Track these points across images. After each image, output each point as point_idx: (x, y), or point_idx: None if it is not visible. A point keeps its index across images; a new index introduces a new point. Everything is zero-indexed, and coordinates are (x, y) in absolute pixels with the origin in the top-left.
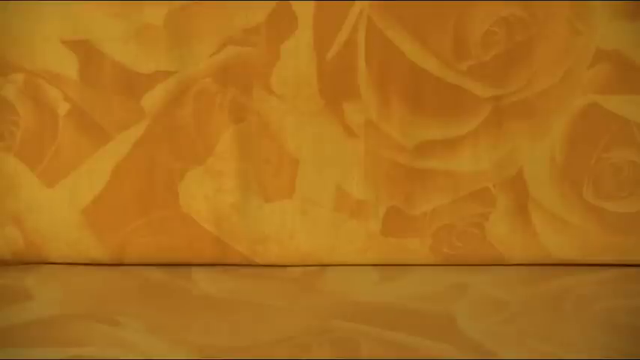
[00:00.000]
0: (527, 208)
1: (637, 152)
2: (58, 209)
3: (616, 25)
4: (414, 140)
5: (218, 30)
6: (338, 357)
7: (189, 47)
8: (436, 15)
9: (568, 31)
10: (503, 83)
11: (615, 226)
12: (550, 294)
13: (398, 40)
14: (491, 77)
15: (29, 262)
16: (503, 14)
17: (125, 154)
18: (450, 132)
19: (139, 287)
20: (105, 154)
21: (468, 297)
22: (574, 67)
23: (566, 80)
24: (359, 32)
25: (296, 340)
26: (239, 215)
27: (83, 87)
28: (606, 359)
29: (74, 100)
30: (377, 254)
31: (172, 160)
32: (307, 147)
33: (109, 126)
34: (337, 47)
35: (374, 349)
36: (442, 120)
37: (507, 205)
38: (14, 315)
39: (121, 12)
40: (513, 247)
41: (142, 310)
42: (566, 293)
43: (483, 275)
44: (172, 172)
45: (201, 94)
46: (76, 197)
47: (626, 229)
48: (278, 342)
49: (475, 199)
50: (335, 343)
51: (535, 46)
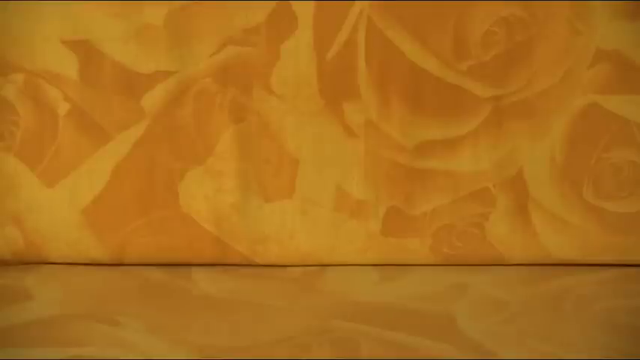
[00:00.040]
0: (527, 208)
1: (637, 152)
2: (58, 209)
3: (616, 25)
4: (414, 140)
5: (218, 30)
6: (338, 357)
7: (189, 47)
8: (436, 15)
9: (568, 31)
10: (503, 83)
11: (615, 226)
12: (550, 294)
13: (398, 40)
14: (491, 77)
15: (29, 262)
16: (503, 14)
17: (125, 154)
18: (450, 132)
19: (139, 287)
20: (105, 154)
21: (468, 297)
22: (574, 67)
23: (566, 80)
24: (359, 32)
25: (296, 340)
26: (239, 215)
27: (83, 87)
28: (606, 359)
29: (74, 100)
30: (377, 254)
31: (172, 160)
32: (307, 147)
33: (109, 126)
34: (337, 47)
35: (374, 349)
36: (442, 120)
37: (507, 205)
38: (14, 315)
39: (121, 12)
40: (513, 247)
41: (142, 310)
42: (566, 293)
43: (483, 275)
44: (172, 172)
45: (201, 94)
46: (76, 197)
47: (626, 229)
48: (278, 342)
49: (475, 199)
50: (335, 343)
51: (535, 46)
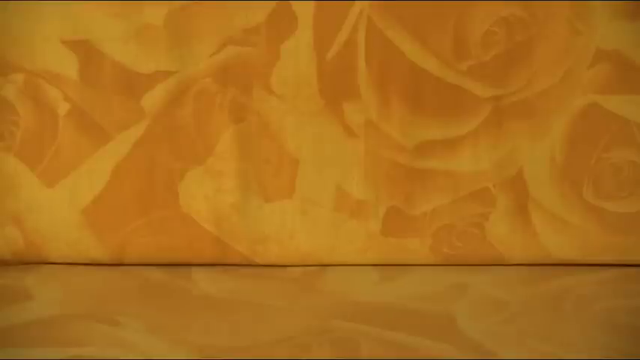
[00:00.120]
0: (527, 208)
1: (637, 152)
2: (58, 209)
3: (616, 25)
4: (414, 140)
5: (218, 30)
6: (338, 357)
7: (189, 47)
8: (436, 15)
9: (568, 31)
10: (503, 83)
11: (615, 226)
12: (550, 294)
13: (398, 40)
14: (491, 77)
15: (29, 262)
16: (503, 14)
17: (125, 154)
18: (450, 132)
19: (139, 287)
20: (105, 154)
21: (468, 297)
22: (574, 67)
23: (566, 80)
24: (359, 32)
25: (296, 340)
26: (239, 215)
27: (83, 87)
28: (606, 359)
29: (74, 100)
30: (377, 254)
31: (172, 160)
32: (307, 147)
33: (109, 126)
34: (337, 47)
35: (374, 349)
36: (442, 120)
37: (507, 205)
38: (14, 315)
39: (121, 12)
40: (513, 247)
41: (142, 310)
42: (566, 293)
43: (483, 275)
44: (172, 172)
45: (201, 94)
46: (76, 197)
47: (626, 229)
48: (278, 342)
49: (475, 199)
50: (335, 343)
51: (535, 46)
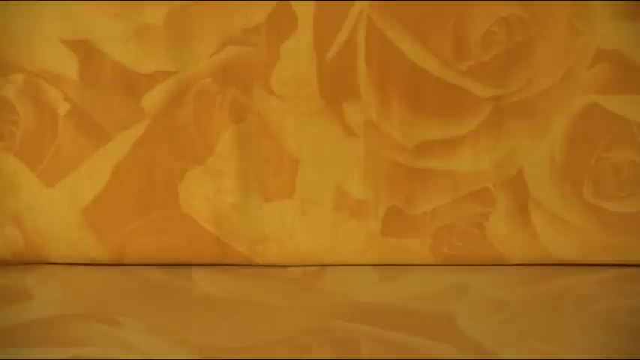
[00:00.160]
0: (527, 208)
1: (637, 152)
2: (58, 209)
3: (616, 25)
4: (414, 140)
5: (218, 30)
6: (338, 357)
7: (189, 47)
8: (436, 15)
9: (568, 31)
10: (503, 83)
11: (615, 226)
12: (550, 294)
13: (398, 40)
14: (491, 77)
15: (29, 262)
16: (503, 14)
17: (125, 154)
18: (450, 132)
19: (139, 287)
20: (105, 154)
21: (468, 297)
22: (574, 67)
23: (566, 80)
24: (359, 32)
25: (296, 340)
26: (239, 215)
27: (83, 87)
28: (606, 359)
29: (74, 100)
30: (377, 254)
31: (172, 160)
32: (307, 147)
33: (109, 126)
34: (337, 47)
35: (374, 349)
36: (442, 120)
37: (507, 205)
38: (14, 315)
39: (121, 12)
40: (513, 247)
41: (142, 310)
42: (566, 293)
43: (483, 275)
44: (172, 172)
45: (201, 94)
46: (76, 197)
47: (626, 229)
48: (278, 342)
49: (475, 199)
50: (335, 343)
51: (535, 46)
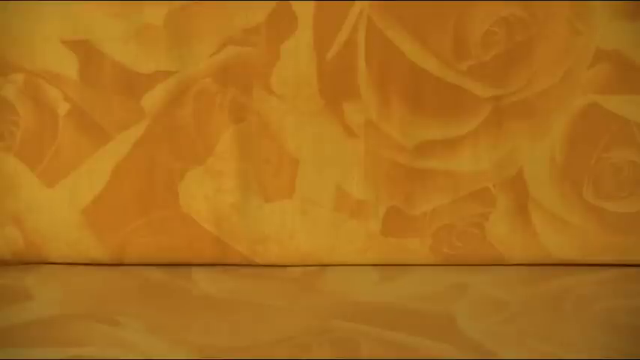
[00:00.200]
0: (527, 208)
1: (637, 152)
2: (58, 209)
3: (616, 25)
4: (414, 140)
5: (218, 30)
6: (338, 357)
7: (189, 47)
8: (436, 15)
9: (568, 31)
10: (503, 83)
11: (615, 226)
12: (550, 294)
13: (398, 40)
14: (491, 77)
15: (29, 262)
16: (503, 14)
17: (125, 154)
18: (450, 132)
19: (139, 287)
20: (105, 154)
21: (468, 297)
22: (574, 67)
23: (566, 80)
24: (359, 32)
25: (296, 340)
26: (239, 215)
27: (83, 87)
28: (606, 359)
29: (74, 100)
30: (377, 254)
31: (172, 160)
32: (307, 147)
33: (109, 126)
34: (337, 47)
35: (374, 349)
36: (442, 120)
37: (507, 205)
38: (14, 315)
39: (121, 12)
40: (513, 247)
41: (142, 310)
42: (566, 293)
43: (483, 275)
44: (172, 172)
45: (201, 94)
46: (76, 197)
47: (626, 229)
48: (278, 342)
49: (475, 199)
50: (335, 343)
51: (535, 46)
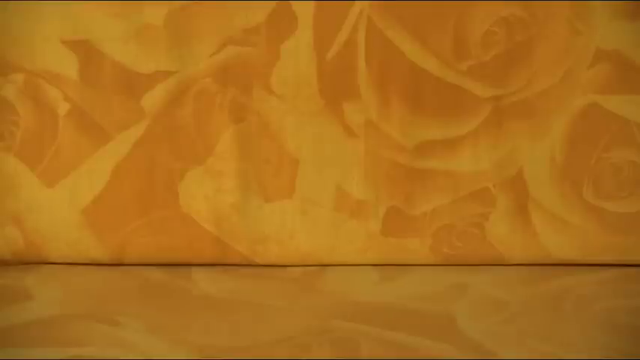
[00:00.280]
0: (527, 208)
1: (637, 152)
2: (58, 209)
3: (616, 25)
4: (414, 140)
5: (218, 30)
6: (338, 357)
7: (189, 47)
8: (436, 15)
9: (568, 31)
10: (503, 83)
11: (615, 226)
12: (550, 294)
13: (398, 40)
14: (491, 77)
15: (29, 262)
16: (503, 14)
17: (125, 154)
18: (450, 132)
19: (139, 287)
20: (105, 154)
21: (468, 297)
22: (574, 67)
23: (566, 80)
24: (359, 32)
25: (296, 340)
26: (239, 215)
27: (83, 87)
28: (606, 359)
29: (74, 100)
30: (377, 254)
31: (172, 160)
32: (307, 147)
33: (109, 126)
34: (337, 47)
35: (374, 349)
36: (442, 120)
37: (507, 205)
38: (14, 315)
39: (121, 12)
40: (513, 247)
41: (142, 310)
42: (566, 293)
43: (483, 275)
44: (172, 172)
45: (201, 94)
46: (76, 197)
47: (626, 229)
48: (278, 342)
49: (475, 199)
50: (335, 343)
51: (535, 46)
